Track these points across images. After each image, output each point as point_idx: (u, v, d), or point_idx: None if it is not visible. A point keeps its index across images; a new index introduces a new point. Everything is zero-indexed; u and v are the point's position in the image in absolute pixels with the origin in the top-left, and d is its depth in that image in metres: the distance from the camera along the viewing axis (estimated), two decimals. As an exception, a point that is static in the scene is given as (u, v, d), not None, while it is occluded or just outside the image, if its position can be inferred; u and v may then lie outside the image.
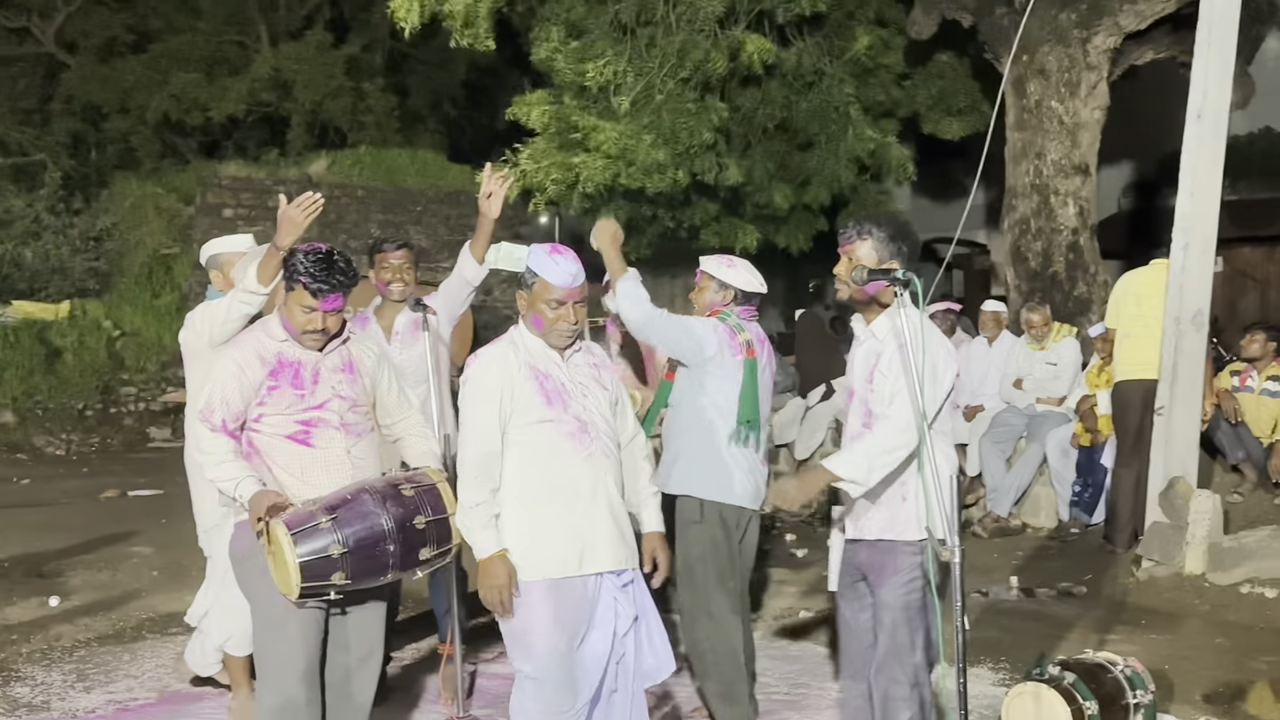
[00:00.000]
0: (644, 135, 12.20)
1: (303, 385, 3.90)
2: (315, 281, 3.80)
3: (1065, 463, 8.92)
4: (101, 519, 10.26)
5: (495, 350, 3.70)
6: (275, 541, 3.62)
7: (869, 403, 3.94)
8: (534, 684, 3.62)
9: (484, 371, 3.65)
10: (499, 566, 3.54)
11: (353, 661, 4.02)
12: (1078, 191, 11.12)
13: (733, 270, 4.88)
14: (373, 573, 3.73)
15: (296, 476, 3.86)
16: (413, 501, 3.78)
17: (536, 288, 3.67)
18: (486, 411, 3.61)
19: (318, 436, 3.89)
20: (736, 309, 4.85)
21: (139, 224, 19.79)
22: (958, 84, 14.78)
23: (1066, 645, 6.19)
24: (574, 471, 3.66)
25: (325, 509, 3.66)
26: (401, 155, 22.51)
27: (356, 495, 3.72)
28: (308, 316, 3.85)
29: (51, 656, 6.32)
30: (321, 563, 3.60)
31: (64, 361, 16.31)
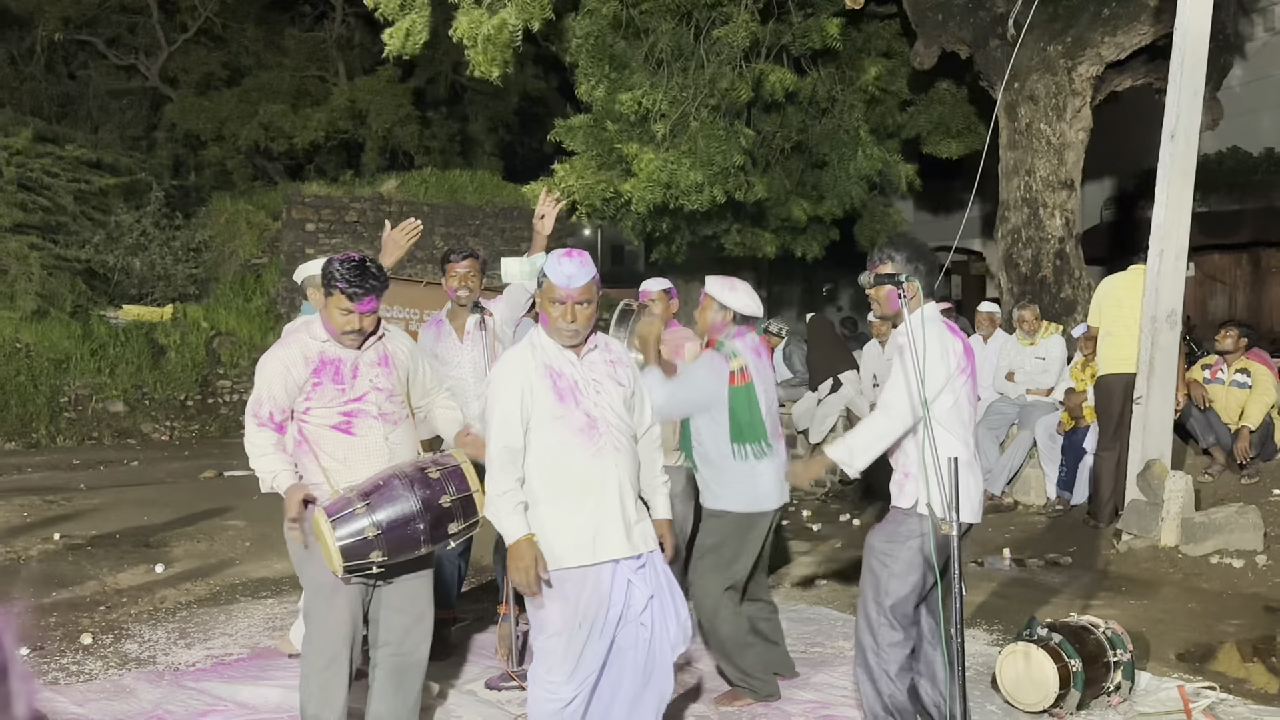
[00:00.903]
0: (683, 160, 12.20)
1: (343, 380, 3.87)
2: (351, 286, 3.78)
3: (1052, 447, 8.86)
4: (200, 497, 10.37)
5: (516, 351, 3.61)
6: (318, 527, 3.62)
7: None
8: (543, 657, 3.55)
9: (505, 371, 3.55)
10: (526, 550, 3.42)
11: (407, 621, 4.03)
12: (1064, 204, 11.03)
13: (734, 294, 4.76)
14: (407, 548, 3.72)
15: (340, 462, 3.85)
16: (438, 483, 3.75)
17: (544, 288, 3.54)
18: (508, 408, 3.49)
19: (359, 426, 3.88)
20: (733, 329, 4.78)
21: (232, 237, 19.99)
22: (956, 109, 14.70)
23: (1054, 609, 6.14)
24: (583, 465, 3.52)
25: (360, 495, 3.65)
26: (462, 175, 22.62)
27: (388, 481, 3.70)
28: (345, 318, 3.83)
29: (157, 617, 6.39)
30: (359, 544, 3.59)
31: (168, 358, 16.49)
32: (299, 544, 3.87)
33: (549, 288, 3.52)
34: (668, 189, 12.22)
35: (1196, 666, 5.29)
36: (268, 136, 23.43)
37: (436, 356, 5.55)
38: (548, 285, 3.52)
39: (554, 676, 3.51)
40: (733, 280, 4.87)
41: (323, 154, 25.03)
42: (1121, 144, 14.42)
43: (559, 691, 3.51)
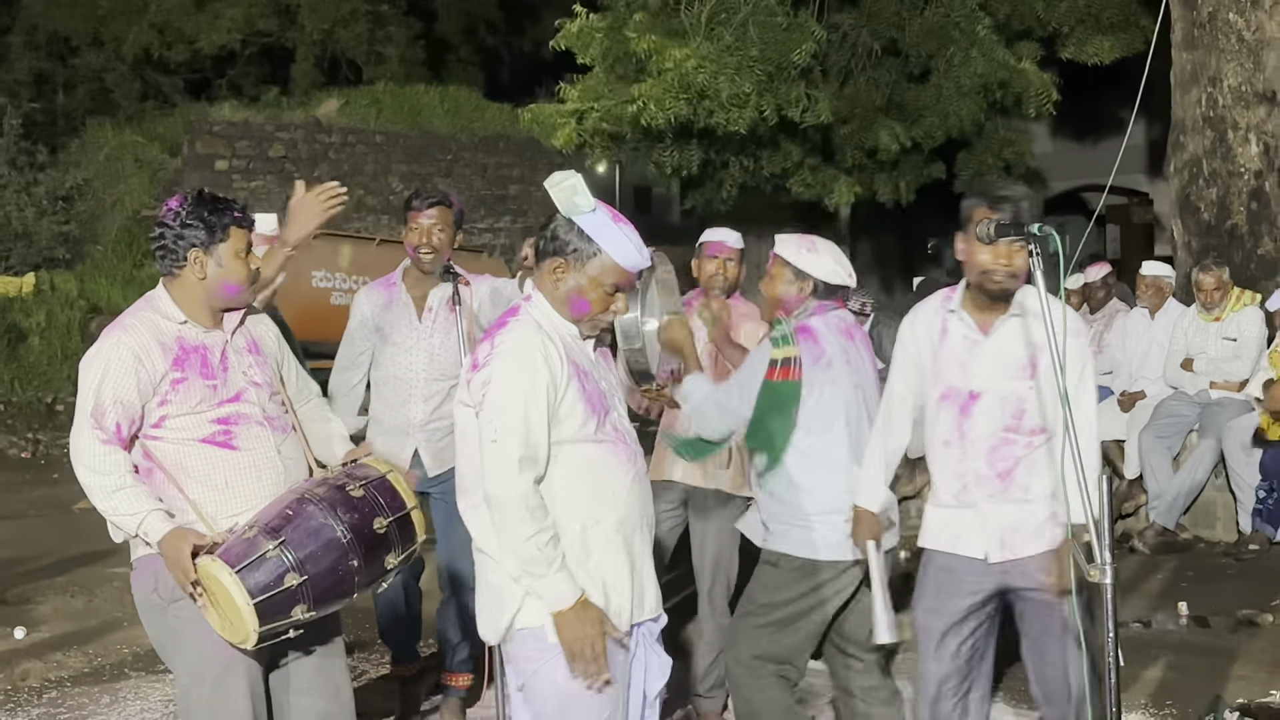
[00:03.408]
0: (727, 57, 12.02)
1: (213, 374, 3.83)
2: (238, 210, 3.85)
3: (1247, 462, 8.79)
4: (75, 535, 10.41)
5: (528, 338, 3.40)
6: (214, 584, 3.53)
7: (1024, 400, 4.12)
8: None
9: (523, 359, 3.36)
10: (587, 613, 3.34)
11: (320, 704, 4.00)
12: (1262, 125, 10.94)
13: (814, 256, 4.70)
14: (337, 596, 3.70)
15: (219, 489, 3.79)
16: (365, 502, 3.71)
17: (596, 265, 3.45)
18: (537, 421, 3.34)
19: (241, 436, 3.84)
20: (813, 304, 4.73)
21: (116, 179, 20.09)
22: (1111, -7, 14.59)
23: (1247, 686, 6.11)
24: (623, 498, 3.49)
25: (266, 532, 3.57)
26: (428, 93, 22.66)
27: (298, 508, 3.63)
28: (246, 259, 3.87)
29: (17, 699, 6.42)
30: (280, 598, 3.54)
31: (29, 346, 16.59)
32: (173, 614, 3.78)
33: (610, 268, 3.46)
34: (700, 99, 12.05)
35: None
36: (163, 41, 23.54)
37: (378, 331, 5.57)
38: (606, 264, 3.45)
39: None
40: (812, 239, 4.82)
41: (238, 65, 25.13)
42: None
43: None
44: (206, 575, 3.56)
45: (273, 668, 3.94)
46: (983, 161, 15.31)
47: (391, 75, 23.86)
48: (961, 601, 4.22)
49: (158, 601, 3.81)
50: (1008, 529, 4.12)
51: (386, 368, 5.57)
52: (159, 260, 3.85)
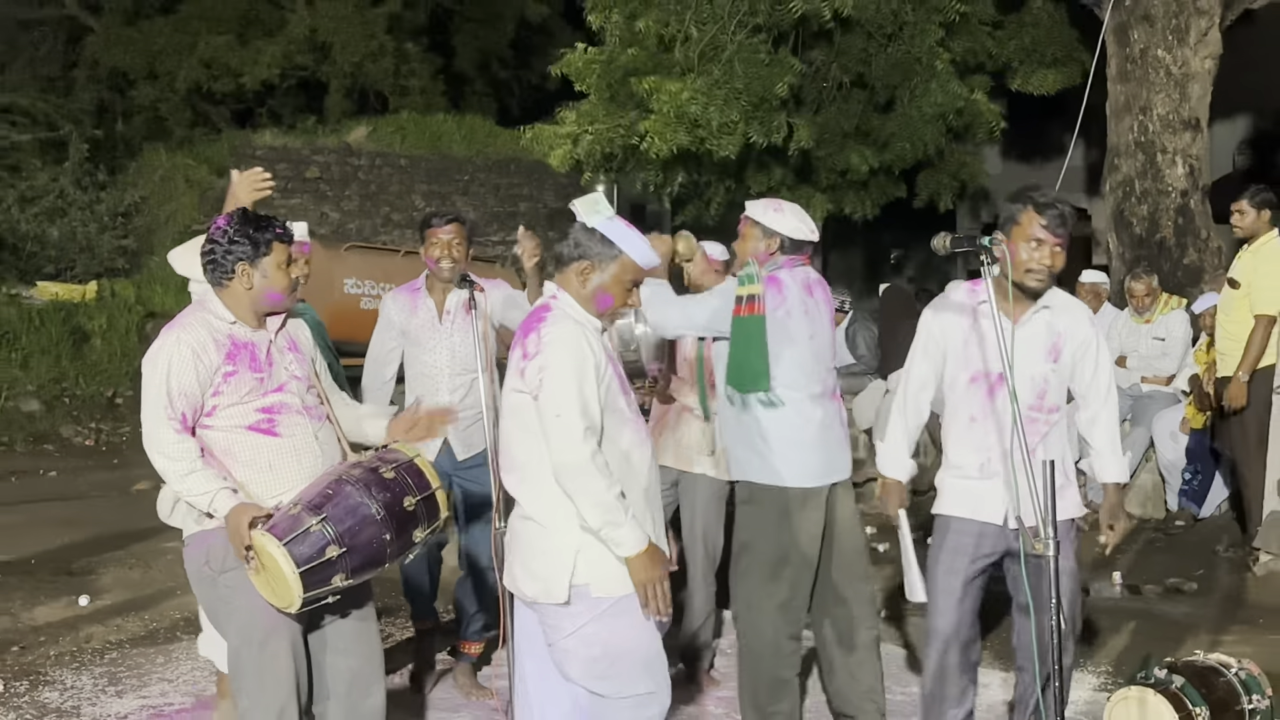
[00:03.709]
0: (715, 91, 12.07)
1: (260, 368, 3.87)
2: (279, 226, 3.88)
3: (1174, 448, 8.81)
4: (133, 513, 10.39)
5: (571, 329, 3.58)
6: (263, 554, 3.57)
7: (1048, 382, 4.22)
8: (648, 704, 3.65)
9: (574, 346, 3.54)
10: (655, 555, 3.52)
11: (355, 663, 4.03)
12: (1187, 149, 10.96)
13: (779, 215, 4.77)
14: (371, 566, 3.74)
15: (264, 470, 3.83)
16: (396, 483, 3.76)
17: (617, 265, 3.64)
18: (591, 397, 3.52)
19: (283, 424, 3.88)
20: (780, 259, 4.76)
21: (169, 198, 20.07)
22: (1053, 32, 14.54)
23: (1175, 646, 6.12)
24: (646, 470, 3.68)
25: (309, 508, 3.62)
26: (447, 121, 22.63)
27: (338, 488, 3.68)
28: (291, 268, 3.92)
29: (82, 659, 6.45)
30: (321, 567, 3.58)
31: (92, 346, 16.57)
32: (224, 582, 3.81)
33: (629, 267, 3.65)
34: (695, 128, 12.12)
35: (1352, 716, 5.26)
36: (210, 75, 23.46)
37: (405, 334, 5.67)
38: (626, 263, 3.65)
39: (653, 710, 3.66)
40: (779, 201, 4.90)
41: (277, 96, 25.06)
42: (1258, 74, 14.29)
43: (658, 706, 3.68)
44: (258, 548, 3.59)
45: (312, 630, 3.96)
46: (940, 181, 15.30)
47: (414, 105, 23.82)
48: (977, 563, 4.28)
49: (209, 573, 3.84)
50: (1025, 498, 4.14)
51: (415, 365, 5.67)
52: (209, 272, 3.87)
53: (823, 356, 4.77)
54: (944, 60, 13.76)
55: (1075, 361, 4.29)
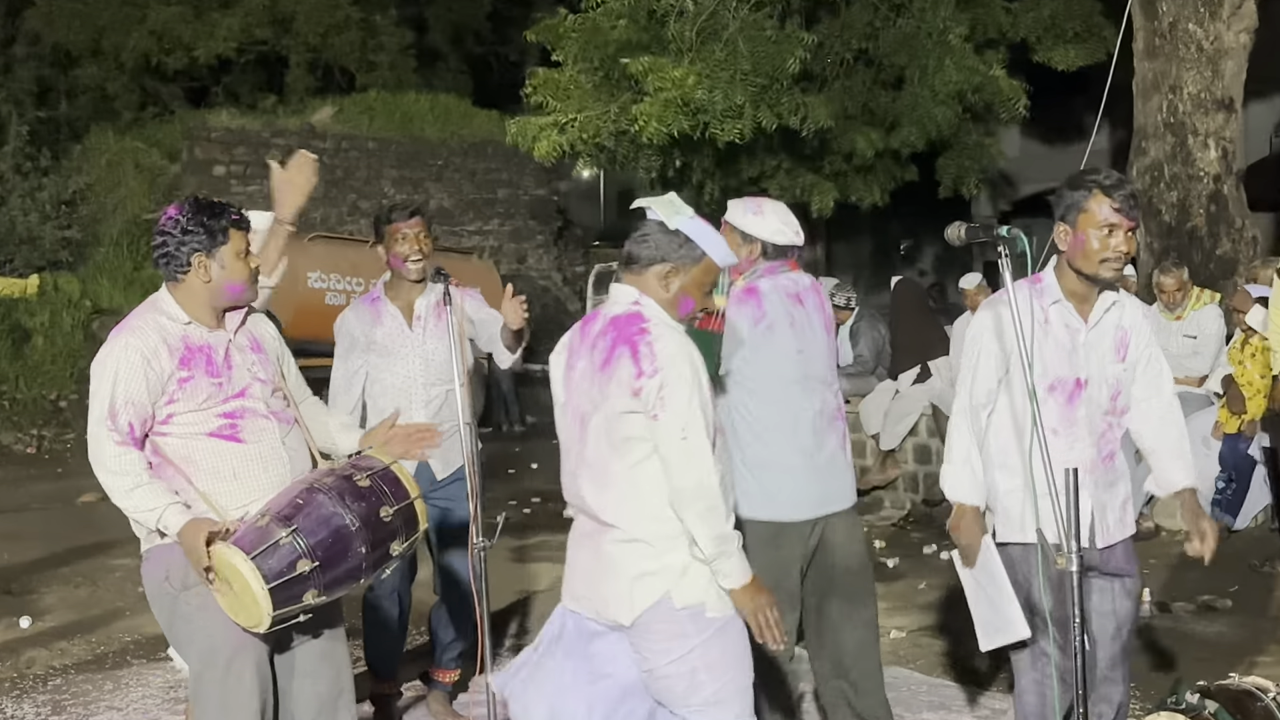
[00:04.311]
0: (719, 72, 12.00)
1: (218, 372, 3.85)
2: (235, 213, 3.87)
3: (1206, 455, 8.82)
4: (78, 527, 10.41)
5: (680, 339, 3.60)
6: (229, 570, 3.55)
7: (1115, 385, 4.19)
8: None
9: (692, 368, 3.56)
10: (759, 583, 3.61)
11: (325, 689, 4.03)
12: (1220, 130, 10.98)
13: (759, 219, 4.66)
14: (346, 581, 3.73)
15: (228, 479, 3.82)
16: (372, 492, 3.75)
17: (700, 267, 3.65)
18: (708, 411, 3.57)
19: (247, 429, 3.87)
20: (762, 265, 4.67)
21: (117, 184, 20.04)
22: (1075, 5, 14.60)
23: (1208, 669, 6.12)
24: (729, 478, 3.74)
25: (278, 520, 3.60)
26: (419, 100, 22.62)
27: (308, 497, 3.67)
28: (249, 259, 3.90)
29: (23, 686, 6.43)
30: (292, 583, 3.56)
31: (34, 345, 16.55)
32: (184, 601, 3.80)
33: (710, 269, 3.69)
34: (696, 114, 12.06)
35: (1399, 744, 5.27)
36: (161, 49, 23.42)
37: (370, 348, 5.48)
38: (709, 265, 3.68)
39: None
40: (759, 201, 4.80)
41: (234, 73, 25.04)
42: (1297, 50, 14.33)
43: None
44: (223, 562, 3.57)
45: (279, 651, 3.96)
46: (960, 165, 15.32)
47: (383, 83, 23.81)
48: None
49: (169, 590, 3.82)
50: (1107, 512, 4.17)
51: (384, 380, 5.47)
52: (163, 266, 3.86)
53: (815, 372, 4.64)
54: (958, 35, 13.74)
55: (1139, 360, 4.25)
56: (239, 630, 3.71)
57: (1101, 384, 4.15)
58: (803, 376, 4.59)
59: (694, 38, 12.27)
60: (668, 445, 3.50)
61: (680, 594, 3.57)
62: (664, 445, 3.51)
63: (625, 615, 3.61)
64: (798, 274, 4.74)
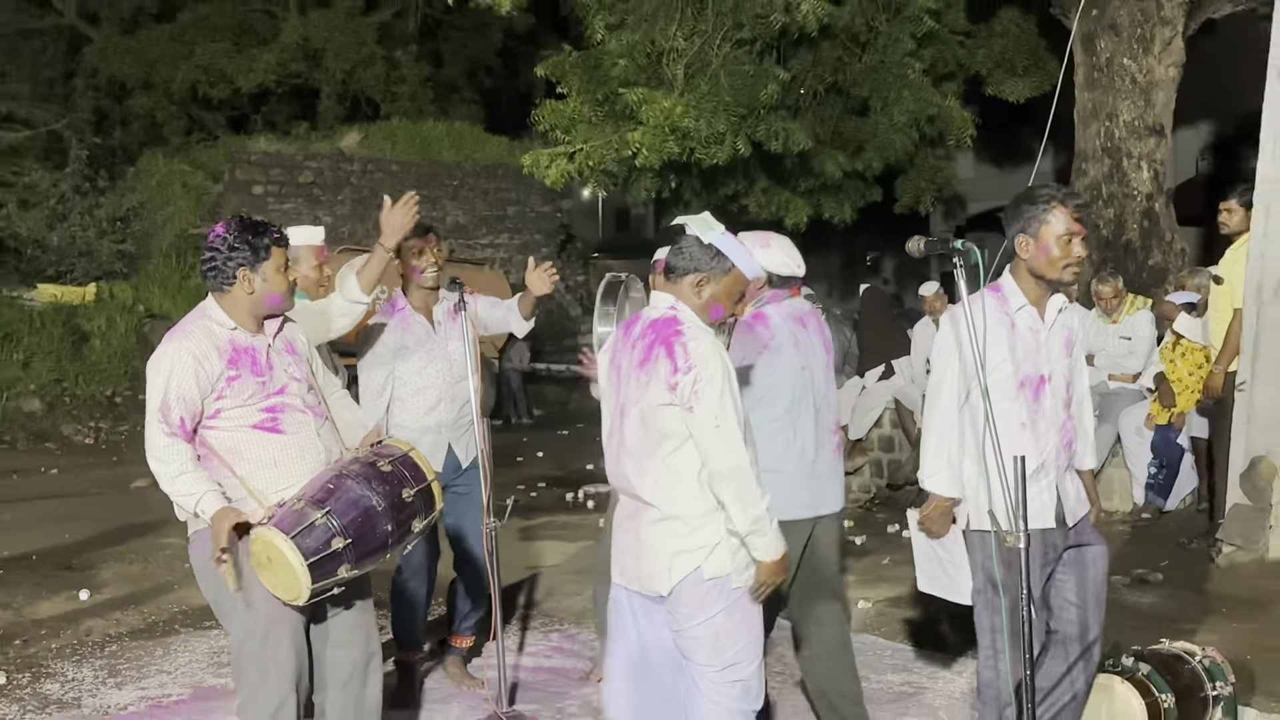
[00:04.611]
0: (704, 103, 12.05)
1: (261, 372, 3.87)
2: (275, 231, 3.90)
3: (1140, 443, 8.84)
4: (132, 509, 10.39)
5: (713, 340, 3.69)
6: (270, 549, 3.58)
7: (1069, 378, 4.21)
8: (748, 683, 3.79)
9: (724, 364, 3.64)
10: (786, 563, 3.75)
11: (355, 655, 4.05)
12: (1152, 154, 10.99)
13: (766, 251, 4.65)
14: (375, 555, 3.76)
15: (269, 467, 3.84)
16: (394, 476, 3.79)
17: (730, 278, 3.74)
18: (738, 404, 3.65)
19: (286, 422, 3.89)
20: (767, 293, 4.66)
21: (166, 203, 20.02)
22: (1023, 42, 14.61)
23: (1141, 635, 6.12)
24: None
25: (313, 503, 3.63)
26: (436, 127, 22.62)
27: (339, 483, 3.70)
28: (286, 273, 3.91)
29: (82, 652, 6.42)
30: (328, 559, 3.61)
31: (92, 346, 16.53)
32: (214, 581, 3.81)
33: (740, 280, 3.77)
34: (684, 139, 12.11)
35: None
36: (206, 81, 23.43)
37: (399, 353, 5.40)
38: (738, 276, 3.76)
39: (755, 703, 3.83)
40: (766, 235, 4.80)
41: (271, 103, 25.04)
42: (1220, 82, 14.35)
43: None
44: (265, 542, 3.60)
45: (314, 622, 3.98)
46: (920, 186, 15.35)
47: (404, 111, 23.82)
48: (1047, 569, 4.13)
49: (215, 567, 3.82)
50: (1070, 494, 4.16)
51: (413, 381, 5.39)
52: (210, 279, 3.87)
53: (817, 388, 4.64)
54: (916, 70, 13.79)
55: (1077, 355, 4.27)
56: (278, 603, 3.73)
57: (1059, 379, 4.15)
58: (805, 391, 4.61)
59: (683, 73, 12.32)
60: (703, 434, 3.58)
61: (709, 566, 3.67)
62: (700, 434, 3.59)
63: (664, 586, 3.71)
64: (799, 300, 4.76)
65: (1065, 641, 4.22)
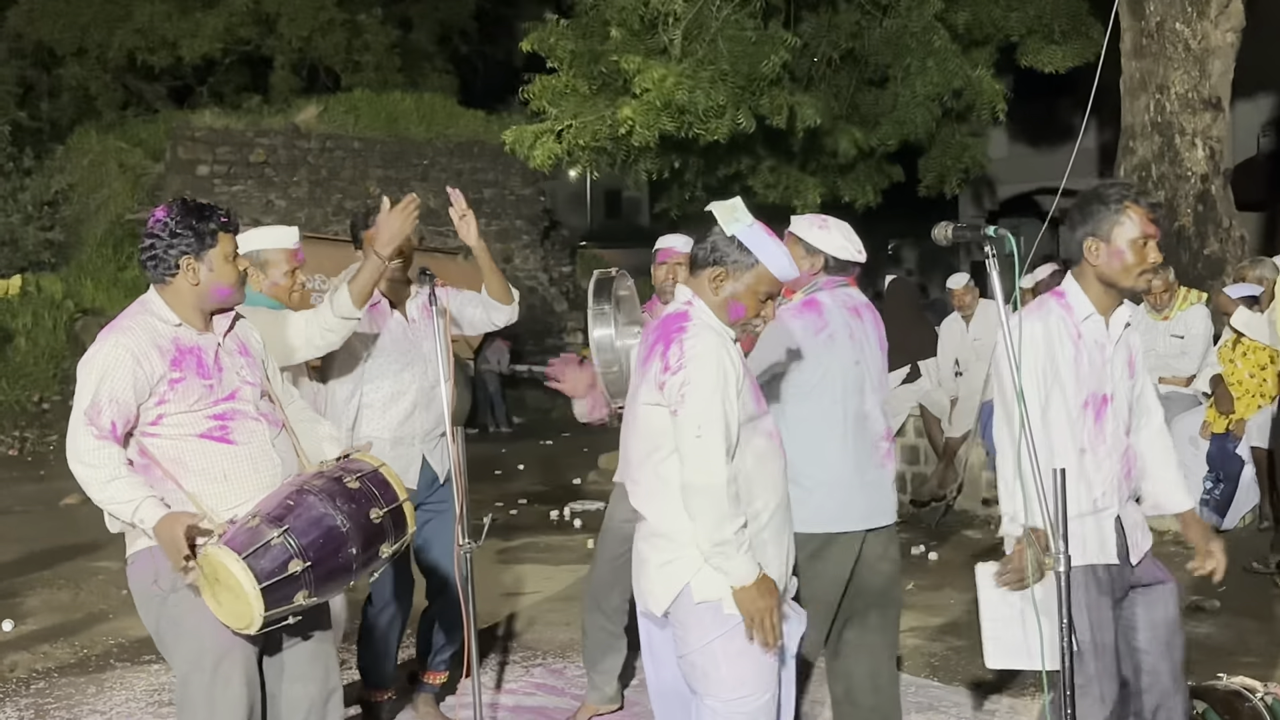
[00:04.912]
0: (701, 72, 12.01)
1: (208, 374, 3.84)
2: (224, 215, 3.87)
3: (1194, 455, 8.85)
4: (61, 529, 10.38)
5: (713, 340, 3.66)
6: (219, 570, 3.54)
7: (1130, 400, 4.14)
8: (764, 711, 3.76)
9: (720, 368, 3.61)
10: (765, 586, 3.62)
11: (313, 691, 4.02)
12: (1208, 130, 11.01)
13: (824, 233, 4.69)
14: (335, 582, 3.74)
15: (219, 480, 3.80)
16: (362, 494, 3.76)
17: (753, 274, 3.70)
18: (732, 417, 3.62)
19: (237, 431, 3.85)
20: (822, 279, 4.69)
21: (100, 185, 19.99)
22: (1062, 5, 14.62)
23: (1198, 669, 6.13)
24: (781, 481, 3.80)
25: (269, 520, 3.60)
26: (404, 100, 22.59)
27: (299, 499, 3.67)
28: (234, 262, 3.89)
29: (5, 689, 6.40)
30: (284, 583, 3.56)
31: (16, 346, 16.50)
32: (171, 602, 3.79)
33: (765, 277, 3.72)
34: (681, 114, 12.08)
35: (1387, 744, 5.29)
36: (145, 47, 23.40)
37: (375, 353, 5.37)
38: (763, 273, 3.71)
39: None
40: (824, 218, 4.82)
41: (219, 72, 25.02)
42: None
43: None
44: (213, 563, 3.55)
45: (267, 654, 3.95)
46: (943, 165, 15.35)
47: (368, 82, 23.79)
48: (1114, 610, 4.10)
49: (157, 592, 3.81)
50: (1134, 527, 4.12)
51: (387, 386, 5.39)
52: (150, 269, 3.85)
53: (869, 384, 4.66)
54: (943, 36, 13.77)
55: (1139, 377, 4.20)
56: (228, 633, 3.69)
57: (1122, 400, 4.09)
58: (859, 388, 4.62)
59: (680, 40, 12.30)
60: (683, 441, 3.58)
61: (699, 588, 3.66)
62: (680, 440, 3.59)
63: (657, 606, 3.74)
64: (854, 289, 4.78)
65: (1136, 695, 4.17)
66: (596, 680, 5.79)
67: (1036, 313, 4.08)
